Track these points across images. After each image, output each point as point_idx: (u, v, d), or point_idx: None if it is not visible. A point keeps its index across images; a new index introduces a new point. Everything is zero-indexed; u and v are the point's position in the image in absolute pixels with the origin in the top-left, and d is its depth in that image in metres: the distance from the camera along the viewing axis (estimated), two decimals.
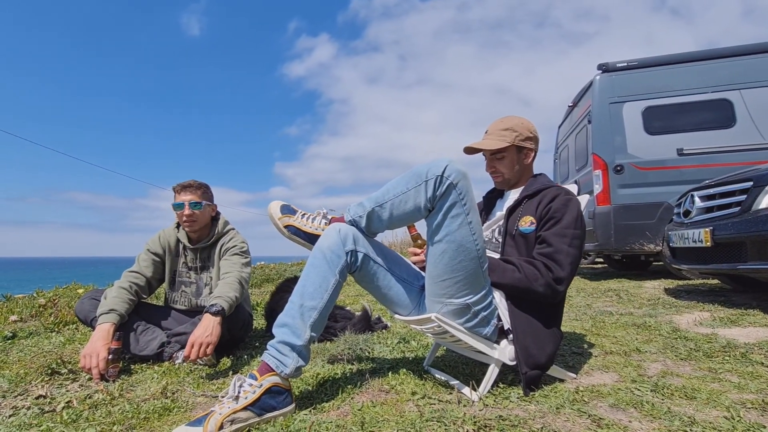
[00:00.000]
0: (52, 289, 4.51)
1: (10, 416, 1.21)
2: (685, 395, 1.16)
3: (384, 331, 2.21)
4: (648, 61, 4.32)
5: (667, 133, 4.16)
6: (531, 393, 1.21)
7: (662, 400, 1.14)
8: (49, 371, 1.59)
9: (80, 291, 4.15)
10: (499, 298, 1.27)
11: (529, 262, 1.24)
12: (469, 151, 1.46)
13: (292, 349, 1.13)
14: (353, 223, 1.26)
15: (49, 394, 1.38)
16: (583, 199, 1.39)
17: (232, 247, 1.97)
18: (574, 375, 1.37)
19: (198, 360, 1.66)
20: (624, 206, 4.12)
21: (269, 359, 1.13)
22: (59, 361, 1.68)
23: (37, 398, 1.34)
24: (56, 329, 2.58)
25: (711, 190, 2.67)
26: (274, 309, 2.28)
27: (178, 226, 2.01)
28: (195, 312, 1.96)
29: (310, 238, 1.29)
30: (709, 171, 3.81)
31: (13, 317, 2.96)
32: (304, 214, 1.33)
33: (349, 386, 1.30)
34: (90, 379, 1.51)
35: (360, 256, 1.23)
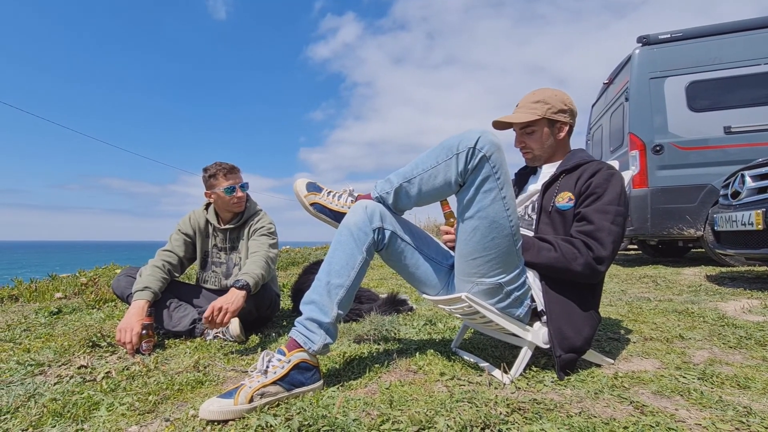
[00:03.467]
0: (92, 270, 4.76)
1: (55, 384, 1.27)
2: (738, 384, 1.08)
3: (410, 313, 2.19)
4: (694, 31, 3.98)
5: (714, 109, 3.86)
6: (566, 377, 1.16)
7: (711, 388, 1.06)
8: (90, 344, 1.67)
9: (117, 271, 4.35)
10: (532, 277, 1.21)
11: (567, 240, 1.17)
12: (499, 125, 1.38)
13: (320, 326, 1.13)
14: (380, 199, 1.22)
15: (90, 364, 1.45)
16: (627, 175, 1.30)
17: (260, 228, 1.99)
18: (611, 360, 1.30)
19: (226, 336, 1.69)
20: (662, 189, 3.89)
21: (297, 336, 1.13)
22: (99, 335, 1.76)
23: (79, 368, 1.41)
24: (97, 306, 2.72)
25: (765, 169, 2.47)
26: (300, 290, 2.30)
27: (207, 207, 2.04)
28: (225, 292, 1.99)
29: (336, 216, 1.27)
30: (759, 150, 3.52)
31: (58, 294, 3.14)
32: (330, 191, 1.31)
33: (376, 365, 1.29)
34: (127, 352, 1.57)
35: (387, 233, 1.20)
